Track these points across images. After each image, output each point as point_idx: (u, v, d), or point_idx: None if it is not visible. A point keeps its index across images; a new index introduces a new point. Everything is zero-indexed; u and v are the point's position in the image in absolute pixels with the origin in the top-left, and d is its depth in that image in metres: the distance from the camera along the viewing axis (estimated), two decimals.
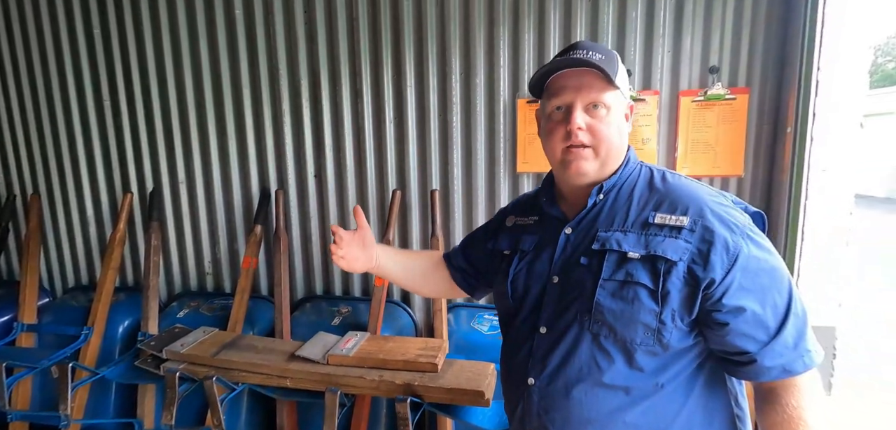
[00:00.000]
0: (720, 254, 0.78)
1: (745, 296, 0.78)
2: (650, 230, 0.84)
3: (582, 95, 0.87)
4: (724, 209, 0.83)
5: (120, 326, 2.35)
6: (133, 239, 2.56)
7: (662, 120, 2.02)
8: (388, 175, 2.27)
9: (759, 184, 1.98)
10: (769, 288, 0.79)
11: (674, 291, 0.80)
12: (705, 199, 0.84)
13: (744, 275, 0.78)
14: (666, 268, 0.80)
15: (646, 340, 0.82)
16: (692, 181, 0.90)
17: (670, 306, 0.80)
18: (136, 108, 2.43)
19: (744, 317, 0.78)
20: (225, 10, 2.27)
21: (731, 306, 0.78)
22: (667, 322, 0.81)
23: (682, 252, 0.80)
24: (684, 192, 0.86)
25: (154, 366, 1.83)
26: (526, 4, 2.03)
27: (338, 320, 2.18)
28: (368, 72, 2.21)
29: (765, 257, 0.80)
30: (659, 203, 0.86)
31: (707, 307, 0.80)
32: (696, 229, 0.81)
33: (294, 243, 2.41)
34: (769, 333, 0.79)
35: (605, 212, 0.89)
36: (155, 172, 2.48)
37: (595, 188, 0.90)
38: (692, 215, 0.82)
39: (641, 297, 0.81)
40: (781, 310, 0.79)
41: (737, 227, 0.81)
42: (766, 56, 1.91)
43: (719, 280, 0.78)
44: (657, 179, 0.90)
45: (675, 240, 0.81)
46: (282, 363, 1.76)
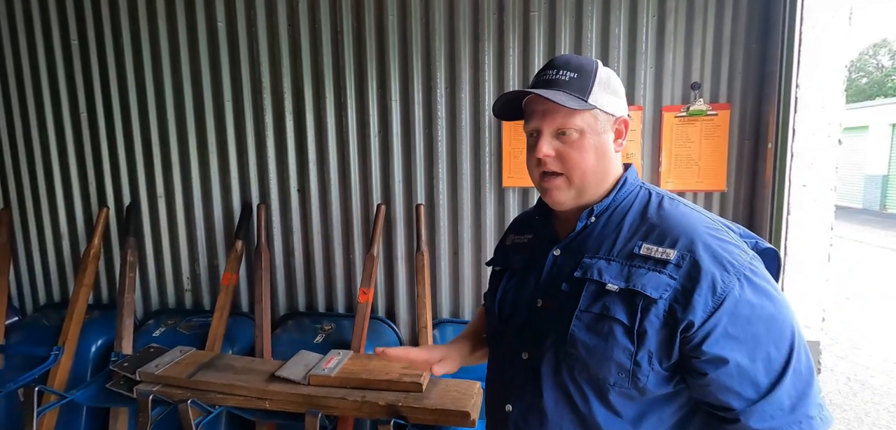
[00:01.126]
0: (704, 294, 0.69)
1: (730, 345, 0.69)
2: (634, 262, 0.76)
3: (548, 121, 0.80)
4: (721, 244, 0.73)
5: (93, 345, 2.26)
6: (109, 255, 2.48)
7: (646, 135, 2.03)
8: (373, 189, 2.24)
9: (741, 199, 2.00)
10: (763, 339, 0.69)
11: (651, 331, 0.72)
12: (699, 231, 0.75)
13: (731, 321, 0.69)
14: (644, 305, 0.72)
15: (620, 380, 0.74)
16: (693, 210, 0.81)
17: (646, 346, 0.72)
18: (115, 120, 2.37)
19: (726, 369, 0.69)
20: (207, 21, 2.24)
21: (712, 355, 0.69)
22: (642, 364, 0.73)
23: (663, 289, 0.72)
24: (677, 222, 0.77)
25: (127, 388, 1.76)
26: (510, 21, 2.04)
27: (321, 337, 2.13)
28: (353, 86, 2.19)
29: (761, 302, 0.70)
30: (648, 233, 0.78)
31: (686, 352, 0.72)
32: (683, 264, 0.72)
33: (276, 258, 2.36)
34: (759, 390, 0.69)
35: (595, 236, 0.83)
36: (132, 186, 2.41)
37: (585, 211, 0.84)
38: (681, 248, 0.73)
39: (616, 334, 0.73)
40: (777, 366, 0.69)
41: (732, 265, 0.71)
42: (745, 72, 1.94)
43: (699, 323, 0.69)
44: (653, 205, 0.82)
45: (658, 275, 0.73)
46: (261, 384, 1.70)
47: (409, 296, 2.30)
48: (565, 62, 0.82)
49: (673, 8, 1.95)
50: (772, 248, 0.81)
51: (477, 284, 2.25)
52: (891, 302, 5.50)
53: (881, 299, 5.63)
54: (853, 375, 3.78)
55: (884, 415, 3.22)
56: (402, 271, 2.28)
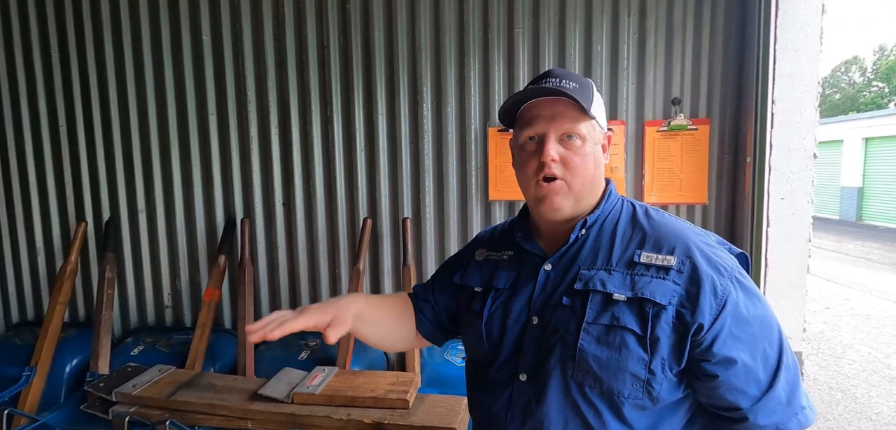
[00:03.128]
0: (708, 298, 0.71)
1: (735, 345, 0.71)
2: (636, 270, 0.77)
3: (555, 125, 0.80)
4: (712, 250, 0.77)
5: (67, 365, 2.18)
6: (86, 271, 2.41)
7: (629, 149, 2.06)
8: (359, 203, 2.23)
9: (722, 212, 2.04)
10: (759, 338, 0.72)
11: (663, 337, 0.72)
12: (692, 238, 0.78)
13: (734, 322, 0.72)
14: (654, 312, 0.73)
15: (634, 392, 0.74)
16: (677, 219, 0.84)
17: (660, 354, 0.73)
18: (95, 132, 2.32)
19: (734, 369, 0.71)
20: (192, 34, 2.23)
21: (722, 357, 0.71)
22: (657, 372, 0.73)
23: (670, 295, 0.73)
24: (670, 230, 0.80)
25: (102, 410, 1.69)
26: (495, 37, 2.08)
27: (306, 354, 2.09)
28: (339, 99, 2.19)
29: (753, 303, 0.74)
30: (643, 241, 0.79)
31: (696, 356, 0.73)
32: (684, 269, 0.74)
33: (260, 273, 2.32)
34: (761, 387, 0.72)
35: (588, 248, 0.82)
36: (112, 200, 2.36)
37: (578, 223, 0.83)
38: (679, 254, 0.75)
39: (629, 344, 0.73)
40: (773, 362, 0.72)
41: (725, 269, 0.74)
42: (724, 88, 1.99)
43: (708, 326, 0.71)
44: (640, 214, 0.84)
45: (663, 281, 0.74)
46: (243, 403, 1.65)
47: None
48: (566, 74, 0.83)
49: (653, 26, 2.00)
50: (743, 252, 0.84)
51: None
52: (869, 311, 5.63)
53: (860, 308, 5.76)
54: (835, 384, 3.85)
55: (866, 424, 3.27)
56: (388, 286, 2.26)
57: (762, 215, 1.76)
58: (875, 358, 4.32)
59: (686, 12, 1.99)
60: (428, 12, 2.11)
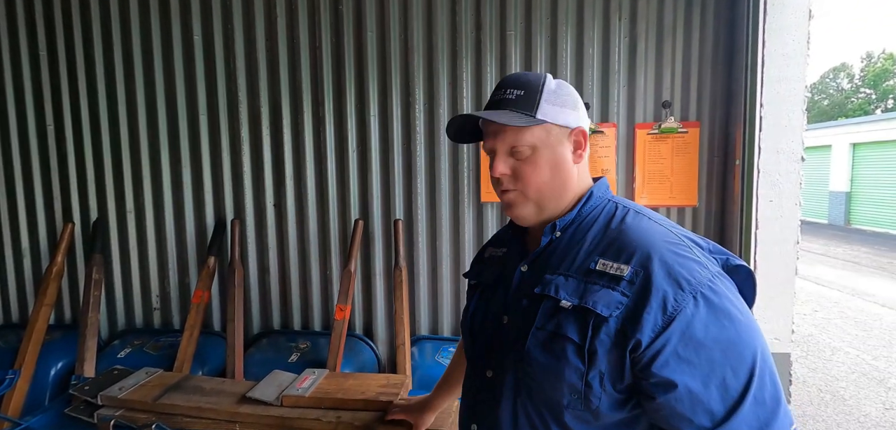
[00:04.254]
0: (654, 312, 0.65)
1: (680, 368, 0.64)
2: (590, 278, 0.73)
3: (499, 141, 0.79)
4: (680, 260, 0.69)
5: (52, 368, 2.14)
6: (73, 273, 2.38)
7: (620, 151, 2.08)
8: (351, 205, 2.22)
9: (712, 214, 2.05)
10: (719, 363, 0.64)
11: (601, 350, 0.68)
12: (657, 245, 0.71)
13: (682, 342, 0.64)
14: (595, 323, 0.69)
15: (573, 402, 0.71)
16: (657, 224, 0.76)
17: (597, 367, 0.69)
18: (83, 132, 2.30)
19: (675, 394, 0.64)
20: (183, 33, 2.21)
21: (660, 379, 0.64)
22: (593, 386, 0.69)
23: (614, 306, 0.68)
24: (636, 236, 0.73)
25: (87, 414, 1.66)
26: (487, 40, 2.08)
27: (296, 356, 2.07)
28: (331, 101, 2.18)
29: (719, 323, 0.65)
30: (606, 248, 0.74)
31: (636, 373, 0.68)
32: (637, 280, 0.68)
33: (250, 275, 2.30)
34: (714, 419, 0.63)
35: (559, 251, 0.79)
36: (100, 201, 2.33)
37: (548, 226, 0.81)
38: (635, 263, 0.70)
39: (568, 353, 0.70)
40: (734, 393, 0.63)
41: (688, 282, 0.66)
42: (713, 92, 2.01)
43: (647, 343, 0.65)
44: (617, 218, 0.78)
45: (611, 292, 0.69)
46: (231, 406, 1.63)
47: (387, 313, 2.27)
48: (513, 81, 0.81)
49: (644, 30, 2.02)
50: (744, 265, 0.75)
51: (456, 300, 2.24)
52: (857, 315, 5.70)
53: (848, 311, 5.82)
54: (824, 386, 3.88)
55: (854, 427, 3.30)
56: (379, 288, 2.25)
57: (751, 218, 1.77)
58: (863, 361, 4.37)
59: (676, 16, 2.00)
60: (420, 14, 2.11)
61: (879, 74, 24.90)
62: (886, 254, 9.40)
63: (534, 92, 0.79)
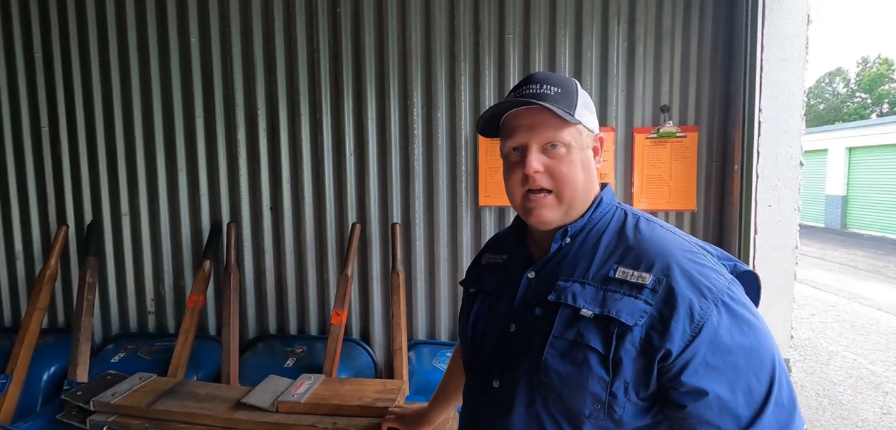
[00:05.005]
0: (682, 321, 0.66)
1: (709, 376, 0.65)
2: (610, 286, 0.72)
3: (536, 135, 0.77)
4: (699, 268, 0.70)
5: (45, 373, 2.12)
6: (67, 276, 2.35)
7: (619, 156, 2.07)
8: (348, 208, 2.21)
9: (711, 219, 2.05)
10: (744, 369, 0.65)
11: (627, 360, 0.68)
12: (675, 254, 0.71)
13: (711, 350, 0.65)
14: (619, 332, 0.68)
15: (595, 412, 0.70)
16: (670, 232, 0.77)
17: (622, 376, 0.68)
18: (78, 134, 2.28)
19: (705, 402, 0.65)
20: (179, 36, 2.19)
21: (691, 387, 0.65)
22: (618, 395, 0.69)
23: (638, 315, 0.68)
24: (653, 244, 0.73)
25: (79, 420, 1.64)
26: (486, 42, 2.07)
27: (292, 361, 2.05)
28: (329, 104, 2.17)
29: (741, 330, 0.66)
30: (624, 256, 0.74)
31: (664, 383, 0.68)
32: (659, 289, 0.69)
33: (246, 278, 2.28)
34: (740, 424, 0.65)
35: (570, 258, 0.78)
36: (95, 204, 2.31)
37: (559, 232, 0.80)
38: (657, 272, 0.70)
39: (591, 363, 0.69)
40: (758, 398, 0.65)
41: (710, 290, 0.68)
42: (712, 97, 2.01)
43: (677, 353, 0.66)
44: (629, 226, 0.78)
45: (634, 300, 0.69)
46: (226, 412, 1.61)
47: (385, 317, 2.25)
48: (547, 78, 0.79)
49: (642, 34, 2.02)
50: (751, 271, 0.77)
51: (454, 304, 2.22)
52: (854, 318, 5.71)
53: (845, 315, 5.83)
54: (822, 390, 3.88)
55: None
56: (377, 292, 2.24)
57: (750, 222, 1.76)
58: (860, 365, 4.37)
59: (675, 21, 2.00)
60: (419, 17, 2.10)
61: (875, 78, 25.07)
62: (883, 258, 9.43)
63: (571, 92, 0.79)
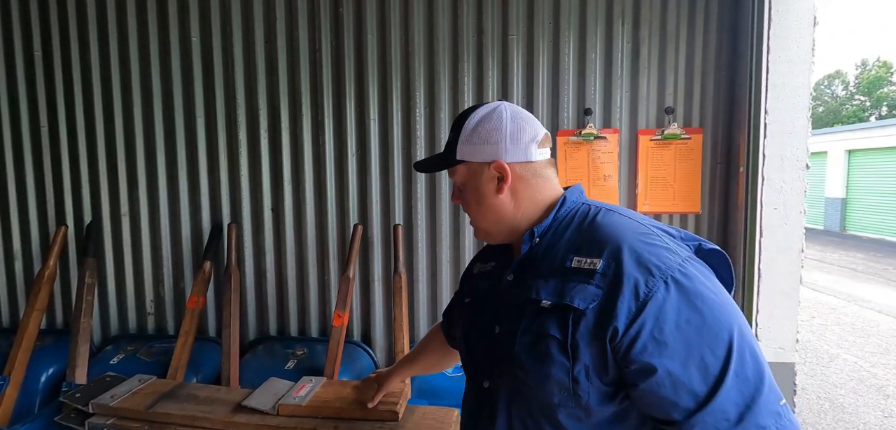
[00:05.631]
0: (627, 299, 0.67)
1: (658, 352, 0.65)
2: (567, 276, 0.75)
3: (451, 177, 0.92)
4: (650, 248, 0.71)
5: (43, 374, 2.09)
6: (66, 277, 2.33)
7: (623, 157, 2.06)
8: (350, 209, 2.19)
9: (715, 221, 2.04)
10: (696, 344, 0.65)
11: (583, 344, 0.70)
12: (627, 236, 0.73)
13: (657, 326, 0.65)
14: (574, 317, 0.71)
15: (563, 400, 0.72)
16: (627, 218, 0.78)
17: (582, 360, 0.70)
18: (78, 133, 2.26)
19: (656, 379, 0.65)
20: (180, 35, 2.18)
21: (640, 364, 0.66)
22: (580, 380, 0.71)
23: (590, 299, 0.70)
24: (606, 231, 0.75)
25: (78, 422, 1.62)
26: (489, 43, 2.06)
27: (292, 363, 2.03)
28: (331, 104, 2.16)
29: (693, 304, 0.66)
30: (580, 246, 0.77)
31: (618, 363, 0.69)
32: (609, 272, 0.70)
33: (247, 280, 2.26)
34: (697, 399, 0.64)
35: (540, 257, 0.82)
36: (95, 204, 2.29)
37: (527, 234, 0.84)
38: (607, 256, 0.72)
39: (552, 351, 0.72)
40: (714, 371, 0.64)
41: (659, 268, 0.68)
42: (716, 98, 2.00)
43: (623, 330, 0.67)
44: (589, 218, 0.81)
45: (587, 286, 0.71)
46: (226, 415, 1.59)
47: (386, 319, 2.24)
48: (454, 123, 0.90)
49: (647, 35, 2.01)
50: (718, 249, 0.77)
51: None
52: (855, 321, 5.70)
53: (845, 317, 5.83)
54: (823, 393, 3.87)
55: None
56: (378, 294, 2.22)
57: (755, 225, 1.75)
58: (861, 368, 4.36)
59: (679, 22, 1.99)
60: (421, 17, 2.09)
61: (874, 81, 25.12)
62: (882, 260, 9.44)
63: (456, 133, 0.88)
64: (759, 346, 0.68)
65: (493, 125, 0.85)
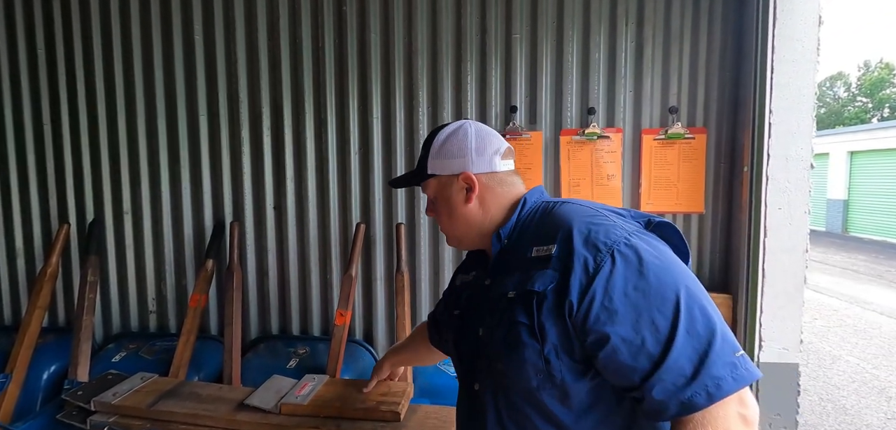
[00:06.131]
0: (578, 275, 0.72)
1: (611, 320, 0.69)
2: (529, 266, 0.80)
3: (423, 191, 1.00)
4: (595, 227, 0.76)
5: (45, 372, 2.09)
6: (68, 275, 2.33)
7: (626, 157, 2.05)
8: (352, 208, 2.19)
9: (719, 221, 2.03)
10: (645, 308, 0.68)
11: (548, 324, 0.74)
12: (577, 220, 0.78)
13: (606, 296, 0.69)
14: (538, 301, 0.75)
15: (541, 382, 0.76)
16: (578, 206, 0.84)
17: (549, 341, 0.74)
18: (80, 132, 2.26)
19: (611, 346, 0.68)
20: (183, 33, 2.18)
21: (595, 335, 0.70)
22: (551, 359, 0.75)
23: (548, 281, 0.75)
24: (560, 219, 0.81)
25: (80, 420, 1.62)
26: (493, 42, 2.06)
27: (294, 362, 2.03)
28: (333, 102, 2.15)
29: (639, 272, 0.69)
30: (539, 236, 0.82)
31: (578, 337, 0.73)
32: (562, 254, 0.76)
33: (249, 278, 2.26)
34: (652, 359, 0.66)
35: (510, 256, 0.87)
36: (97, 202, 2.29)
37: (494, 236, 0.91)
38: (559, 240, 0.77)
39: (523, 337, 0.76)
40: (664, 331, 0.66)
41: (605, 243, 0.73)
42: (721, 98, 1.99)
43: (577, 303, 0.71)
44: (547, 212, 0.86)
45: (545, 271, 0.76)
46: (228, 414, 1.59)
47: (388, 318, 2.23)
48: (425, 142, 0.97)
49: (651, 35, 2.00)
50: (667, 221, 0.81)
51: None
52: (856, 323, 5.69)
53: (847, 319, 5.81)
54: (825, 395, 3.86)
55: None
56: (381, 293, 2.22)
57: (759, 225, 1.74)
58: (863, 369, 4.35)
59: (684, 22, 1.99)
60: (425, 16, 2.08)
61: (876, 82, 25.07)
62: (884, 262, 9.42)
63: (426, 150, 0.95)
64: (712, 302, 0.70)
65: (460, 140, 0.92)
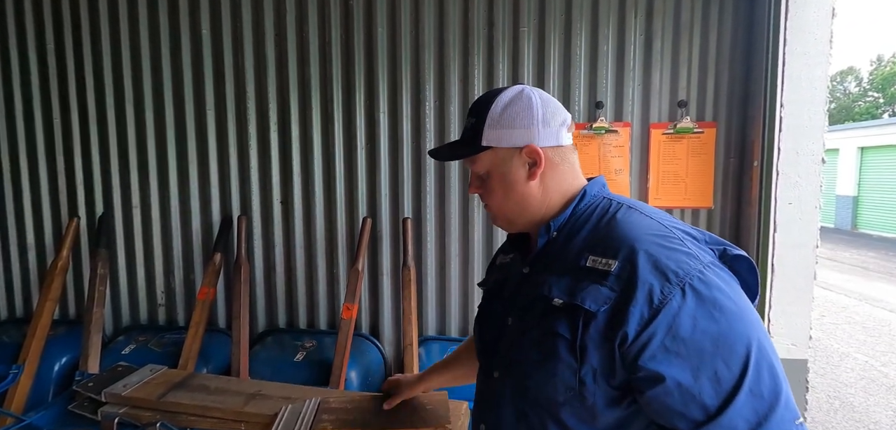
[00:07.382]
0: (640, 305, 0.64)
1: (668, 361, 0.63)
2: (581, 275, 0.72)
3: (470, 164, 0.86)
4: (667, 252, 0.67)
5: (56, 364, 2.12)
6: (78, 268, 2.36)
7: (634, 151, 2.04)
8: (359, 202, 2.19)
9: (728, 217, 2.01)
10: (710, 355, 0.62)
11: (592, 346, 0.68)
12: (644, 238, 0.70)
13: (669, 335, 0.63)
14: (585, 319, 0.68)
15: (569, 399, 0.70)
16: (647, 218, 0.75)
17: (589, 363, 0.68)
18: (90, 127, 2.27)
19: (664, 388, 0.63)
20: (191, 28, 2.18)
21: (648, 372, 0.63)
22: (587, 382, 0.68)
23: (602, 301, 0.68)
24: (624, 230, 0.72)
25: (91, 410, 1.64)
26: (500, 36, 2.04)
27: (301, 355, 2.04)
28: (340, 97, 2.15)
29: (709, 313, 0.63)
30: (596, 244, 0.74)
31: (626, 368, 0.66)
32: (624, 274, 0.67)
33: (256, 272, 2.27)
34: (707, 412, 0.61)
35: (556, 251, 0.80)
36: (106, 196, 2.31)
37: (543, 227, 0.81)
38: (622, 258, 0.69)
39: (560, 350, 0.70)
40: (727, 385, 0.61)
41: (676, 274, 0.65)
42: (731, 92, 1.97)
43: (633, 336, 0.64)
44: (608, 215, 0.78)
45: (600, 287, 0.69)
46: (237, 406, 1.60)
47: (395, 312, 2.24)
48: (473, 107, 0.84)
49: (660, 28, 1.98)
50: (744, 255, 0.72)
51: (464, 300, 2.20)
52: (866, 320, 5.63)
53: (856, 316, 5.76)
54: (833, 392, 3.83)
55: None
56: (387, 287, 2.22)
57: (769, 220, 1.73)
58: (872, 367, 4.31)
59: (693, 14, 1.96)
60: (432, 10, 2.07)
61: (888, 77, 24.68)
62: (894, 259, 9.31)
63: (481, 119, 0.82)
64: (780, 363, 0.64)
65: (523, 108, 0.80)
